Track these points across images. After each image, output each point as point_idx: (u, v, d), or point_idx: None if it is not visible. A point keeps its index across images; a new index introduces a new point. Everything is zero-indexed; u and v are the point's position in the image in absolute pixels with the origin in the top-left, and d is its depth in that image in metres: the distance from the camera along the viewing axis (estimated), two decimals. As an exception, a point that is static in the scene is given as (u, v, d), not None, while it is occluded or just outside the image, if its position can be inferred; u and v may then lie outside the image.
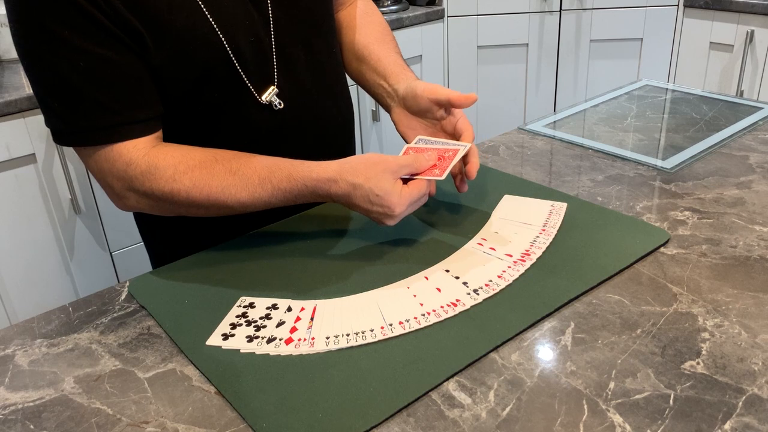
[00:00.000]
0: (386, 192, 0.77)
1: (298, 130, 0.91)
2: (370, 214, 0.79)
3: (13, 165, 1.59)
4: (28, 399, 0.63)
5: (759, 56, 2.10)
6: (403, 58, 1.00)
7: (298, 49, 0.89)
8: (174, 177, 0.78)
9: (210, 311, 0.73)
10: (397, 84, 0.93)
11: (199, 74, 0.81)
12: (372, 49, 0.99)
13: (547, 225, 0.85)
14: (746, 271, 0.75)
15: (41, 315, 0.76)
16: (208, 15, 0.79)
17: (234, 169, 0.80)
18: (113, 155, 0.78)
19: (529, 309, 0.70)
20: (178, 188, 0.79)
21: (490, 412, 0.58)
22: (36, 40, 0.73)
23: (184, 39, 0.78)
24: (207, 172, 0.79)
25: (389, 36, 1.03)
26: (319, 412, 0.58)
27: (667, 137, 1.13)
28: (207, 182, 0.79)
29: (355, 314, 0.71)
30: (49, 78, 0.75)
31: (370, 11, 1.05)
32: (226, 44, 0.81)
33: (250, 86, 0.85)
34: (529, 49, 2.41)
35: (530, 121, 1.25)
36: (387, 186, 0.77)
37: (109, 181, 0.80)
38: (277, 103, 0.87)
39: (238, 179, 0.79)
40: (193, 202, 0.80)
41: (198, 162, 0.79)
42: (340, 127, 1.01)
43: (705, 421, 0.56)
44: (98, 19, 0.72)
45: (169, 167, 0.79)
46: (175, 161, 0.79)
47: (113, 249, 1.81)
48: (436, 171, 0.82)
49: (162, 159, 0.79)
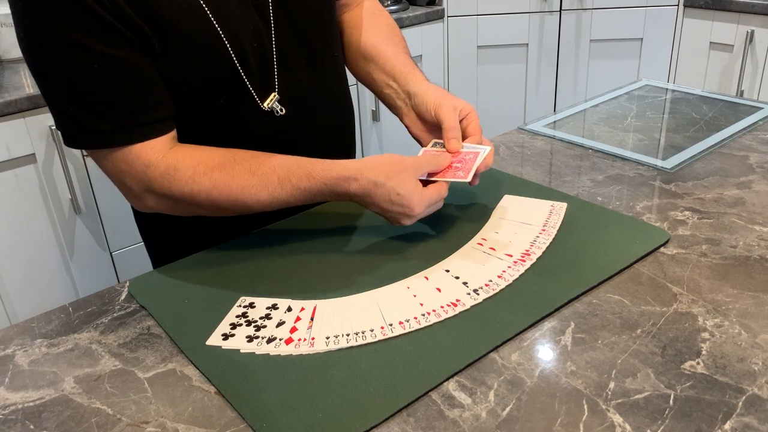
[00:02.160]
0: (408, 191, 0.77)
1: (300, 136, 0.91)
2: (388, 213, 0.80)
3: (13, 165, 1.59)
4: (28, 399, 0.63)
5: (759, 56, 2.10)
6: (411, 58, 0.99)
7: (298, 55, 0.89)
8: (194, 178, 0.78)
9: (210, 311, 0.73)
10: (408, 86, 0.92)
11: (204, 80, 0.81)
12: (381, 48, 0.98)
13: (547, 225, 0.85)
14: (746, 271, 0.75)
15: (41, 315, 0.76)
16: (214, 21, 0.79)
17: (253, 170, 0.80)
18: (132, 157, 0.78)
19: (529, 309, 0.70)
20: (198, 189, 0.79)
21: (490, 412, 0.58)
22: (48, 44, 0.72)
23: (190, 44, 0.78)
24: (227, 173, 0.79)
25: (398, 36, 1.02)
26: (319, 412, 0.58)
27: (667, 137, 1.13)
28: (227, 183, 0.79)
29: (355, 314, 0.71)
30: (63, 81, 0.74)
31: (377, 12, 1.05)
32: (231, 50, 0.81)
33: (253, 92, 0.85)
34: (529, 49, 2.41)
35: (530, 121, 1.25)
36: (409, 186, 0.77)
37: (127, 183, 0.80)
38: (278, 109, 0.87)
39: (257, 179, 0.79)
40: (213, 203, 0.80)
41: (217, 163, 0.79)
42: (342, 130, 1.01)
43: (705, 421, 0.56)
44: (109, 21, 0.72)
45: (189, 168, 0.79)
46: (194, 162, 0.79)
47: (113, 249, 1.82)
48: (461, 173, 0.82)
49: (181, 160, 0.79)
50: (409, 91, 0.92)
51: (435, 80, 2.42)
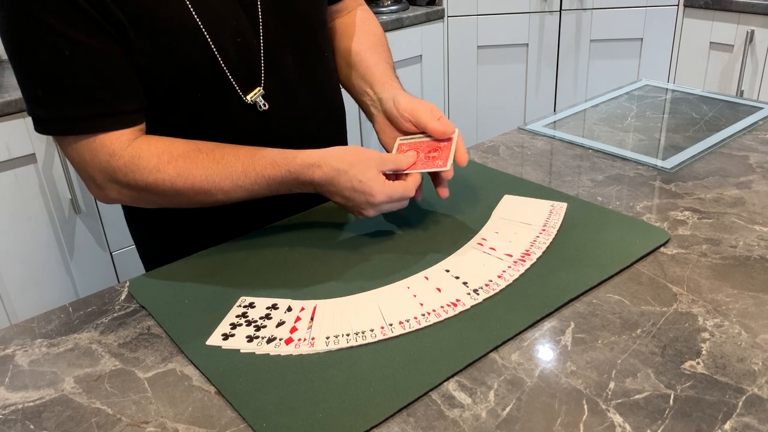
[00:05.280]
0: (369, 178, 0.79)
1: (281, 133, 0.91)
2: (350, 203, 0.80)
3: (13, 165, 1.59)
4: (28, 399, 0.63)
5: (759, 56, 2.10)
6: (393, 69, 0.99)
7: (287, 53, 0.89)
8: (158, 167, 0.79)
9: (210, 311, 0.73)
10: (382, 92, 0.92)
11: (182, 70, 0.81)
12: (363, 56, 0.98)
13: (547, 225, 0.85)
14: (746, 271, 0.75)
15: (41, 315, 0.76)
16: (194, 12, 0.79)
17: (218, 158, 0.80)
18: (96, 146, 0.78)
19: (529, 309, 0.70)
20: (162, 178, 0.79)
21: (490, 412, 0.58)
22: (22, 27, 0.73)
23: (167, 34, 0.78)
24: (191, 162, 0.79)
25: (383, 46, 1.02)
26: (319, 412, 0.58)
27: (667, 137, 1.13)
28: (191, 171, 0.79)
29: (355, 314, 0.71)
30: (35, 65, 0.75)
31: (367, 20, 1.05)
32: (211, 42, 0.81)
33: (236, 85, 0.85)
34: (529, 49, 2.41)
35: (530, 121, 1.25)
36: (371, 173, 0.79)
37: (90, 172, 0.80)
38: (261, 104, 0.87)
39: (221, 167, 0.80)
40: (177, 191, 0.80)
41: (182, 152, 0.80)
42: (331, 130, 1.00)
43: (705, 421, 0.56)
44: (84, 8, 0.72)
45: (153, 157, 0.79)
46: (158, 151, 0.79)
47: (113, 249, 1.82)
48: (439, 162, 0.82)
49: (146, 149, 0.79)
50: (381, 97, 0.92)
51: (435, 80, 2.43)
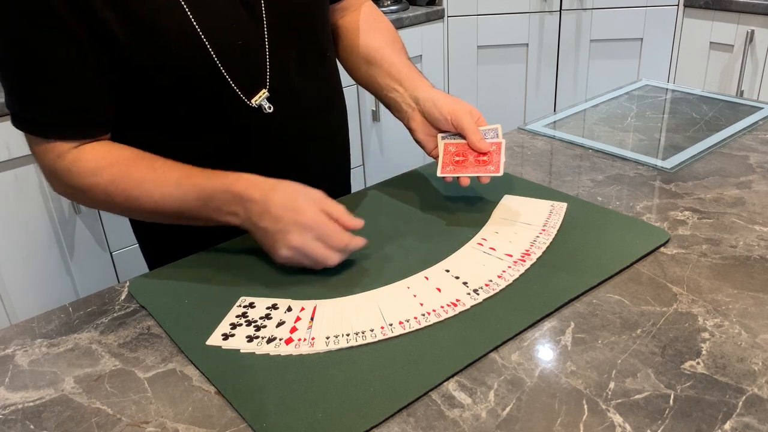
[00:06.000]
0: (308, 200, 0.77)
1: (287, 134, 0.91)
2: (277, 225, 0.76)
3: (13, 165, 1.59)
4: (28, 399, 0.63)
5: (759, 56, 2.10)
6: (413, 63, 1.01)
7: (292, 53, 0.89)
8: (95, 171, 0.80)
9: (210, 311, 0.73)
10: (416, 91, 0.93)
11: (180, 75, 0.80)
12: (384, 53, 0.99)
13: (547, 225, 0.85)
14: (746, 271, 0.75)
15: (41, 315, 0.76)
16: (191, 16, 0.79)
17: (156, 167, 0.80)
18: (46, 146, 0.80)
19: (529, 309, 0.70)
20: (97, 182, 0.80)
21: (490, 412, 0.58)
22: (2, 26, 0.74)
23: (163, 38, 0.78)
24: (128, 167, 0.80)
25: (399, 42, 1.03)
26: (319, 412, 0.58)
27: (667, 137, 1.13)
28: (125, 177, 0.80)
29: (355, 314, 0.71)
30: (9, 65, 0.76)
31: (377, 17, 1.05)
32: (209, 46, 0.80)
33: (237, 89, 0.84)
34: (529, 49, 2.41)
35: (530, 121, 1.25)
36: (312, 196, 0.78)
37: (42, 167, 0.83)
38: (267, 106, 0.87)
39: (156, 175, 0.80)
40: (109, 196, 0.80)
41: (122, 158, 0.81)
42: (335, 131, 1.01)
43: (705, 421, 0.56)
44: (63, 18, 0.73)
45: (91, 161, 0.80)
46: (98, 156, 0.80)
47: (113, 249, 1.81)
48: (491, 167, 0.86)
49: (88, 152, 0.80)
50: (417, 96, 0.93)
51: (435, 80, 2.43)
